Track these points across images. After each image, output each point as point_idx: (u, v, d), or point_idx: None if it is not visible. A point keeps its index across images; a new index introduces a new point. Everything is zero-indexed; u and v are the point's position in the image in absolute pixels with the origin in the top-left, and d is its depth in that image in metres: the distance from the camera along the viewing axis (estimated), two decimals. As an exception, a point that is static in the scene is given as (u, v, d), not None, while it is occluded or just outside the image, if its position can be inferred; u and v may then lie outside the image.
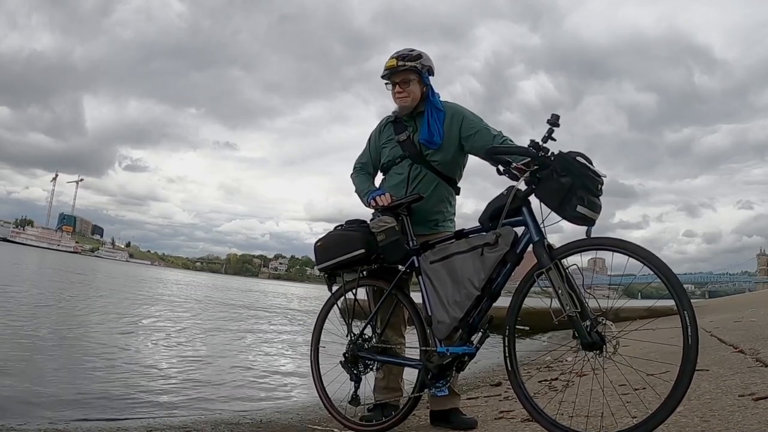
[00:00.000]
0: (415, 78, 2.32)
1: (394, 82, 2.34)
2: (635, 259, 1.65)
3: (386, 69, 2.33)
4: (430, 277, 2.09)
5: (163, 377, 4.16)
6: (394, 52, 2.35)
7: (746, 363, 2.84)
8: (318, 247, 2.36)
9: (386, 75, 2.34)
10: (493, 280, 1.94)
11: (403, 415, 2.18)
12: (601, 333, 1.69)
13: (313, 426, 2.58)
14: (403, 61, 2.30)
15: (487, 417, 2.45)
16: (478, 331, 1.99)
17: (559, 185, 1.79)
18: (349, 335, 2.33)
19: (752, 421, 1.71)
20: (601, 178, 1.82)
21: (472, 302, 1.95)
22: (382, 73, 2.35)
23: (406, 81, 2.32)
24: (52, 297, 10.24)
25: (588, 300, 1.76)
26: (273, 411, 3.21)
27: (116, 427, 2.61)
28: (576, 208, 1.76)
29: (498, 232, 1.93)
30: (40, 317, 6.96)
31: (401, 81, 2.32)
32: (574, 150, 1.85)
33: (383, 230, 2.17)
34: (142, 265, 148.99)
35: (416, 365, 2.13)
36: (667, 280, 1.60)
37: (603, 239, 1.78)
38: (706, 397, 2.10)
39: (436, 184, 2.36)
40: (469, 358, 2.03)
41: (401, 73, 2.31)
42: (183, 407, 3.32)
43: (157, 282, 27.00)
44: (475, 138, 2.30)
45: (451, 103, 2.42)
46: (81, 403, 3.14)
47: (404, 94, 2.33)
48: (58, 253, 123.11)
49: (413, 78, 2.32)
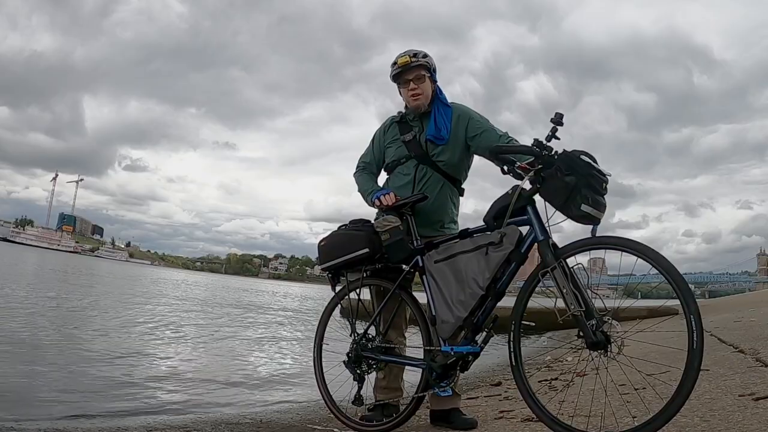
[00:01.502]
0: (426, 75, 2.32)
1: (406, 79, 2.32)
2: (643, 259, 1.63)
3: (399, 66, 2.30)
4: (434, 276, 2.08)
5: (163, 377, 4.16)
6: (399, 53, 2.33)
7: (746, 363, 2.84)
8: (322, 247, 2.36)
9: (398, 73, 2.32)
10: (497, 280, 1.93)
11: (406, 415, 2.17)
12: (606, 332, 1.68)
13: (313, 426, 2.58)
14: (416, 58, 2.29)
15: (488, 417, 2.45)
16: (482, 330, 1.98)
17: (564, 184, 1.77)
18: (353, 335, 2.32)
19: (752, 421, 1.70)
20: (606, 177, 1.81)
21: (477, 301, 1.94)
22: (393, 71, 2.32)
23: (420, 77, 2.31)
24: (52, 297, 10.23)
25: (593, 299, 1.75)
26: (273, 411, 3.21)
27: (116, 427, 2.61)
28: (580, 207, 1.75)
29: (503, 232, 1.92)
30: (39, 317, 6.96)
31: (415, 77, 2.30)
32: (578, 149, 1.84)
33: (387, 230, 2.16)
34: (142, 265, 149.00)
35: (420, 365, 2.12)
36: (675, 282, 1.58)
37: (609, 238, 1.76)
38: (706, 397, 2.10)
39: (442, 185, 2.35)
40: (474, 357, 2.02)
41: (414, 69, 2.30)
42: (183, 407, 3.32)
43: (157, 282, 26.99)
44: (481, 138, 2.30)
45: (457, 103, 2.42)
46: (81, 403, 3.14)
47: (419, 91, 2.31)
48: (58, 253, 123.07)
49: (425, 74, 2.32)
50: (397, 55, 2.34)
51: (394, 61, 2.33)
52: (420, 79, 2.31)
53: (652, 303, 4.76)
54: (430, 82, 2.34)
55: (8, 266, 21.82)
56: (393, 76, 2.35)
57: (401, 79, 2.34)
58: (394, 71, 2.33)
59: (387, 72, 2.38)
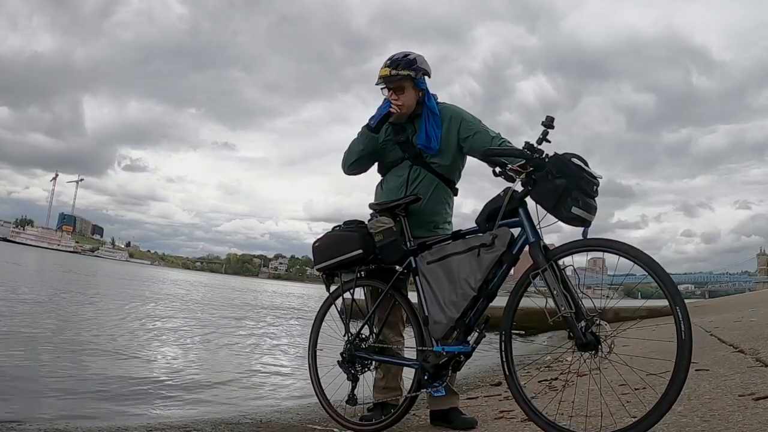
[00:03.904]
0: (409, 85, 2.29)
1: (389, 88, 2.31)
2: (627, 258, 1.67)
3: (379, 77, 2.30)
4: (427, 277, 2.10)
5: (163, 377, 4.17)
6: (388, 57, 2.31)
7: (746, 363, 2.84)
8: (316, 248, 2.37)
9: (380, 83, 2.31)
10: (489, 281, 1.95)
11: (400, 414, 2.19)
12: (595, 333, 1.70)
13: (313, 426, 2.58)
14: (396, 70, 2.26)
15: (487, 417, 2.45)
16: (474, 330, 2.00)
17: (554, 187, 1.79)
18: (347, 335, 2.33)
19: (752, 421, 1.71)
20: (597, 180, 1.83)
21: (469, 302, 1.96)
22: (376, 81, 2.31)
23: (401, 88, 2.29)
24: (52, 297, 10.24)
25: (582, 300, 1.77)
26: (273, 411, 3.21)
27: (116, 427, 2.61)
28: (571, 209, 1.77)
29: (494, 233, 1.94)
30: (39, 317, 6.97)
31: (395, 88, 2.29)
32: (570, 151, 1.86)
33: (381, 231, 2.18)
34: (142, 264, 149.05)
35: (413, 365, 2.14)
36: (659, 278, 1.61)
37: (596, 240, 1.80)
38: (706, 397, 2.10)
39: (435, 186, 2.36)
40: (466, 357, 2.04)
41: (395, 81, 2.28)
42: (183, 407, 3.32)
43: (157, 282, 26.99)
44: (473, 139, 2.30)
45: (449, 105, 2.41)
46: (81, 403, 3.15)
47: (399, 102, 2.28)
48: (58, 253, 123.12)
49: (407, 85, 2.29)
50: (387, 58, 2.31)
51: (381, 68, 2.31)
52: (400, 90, 2.28)
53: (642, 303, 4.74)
54: (414, 92, 2.30)
55: (8, 266, 21.83)
56: (377, 84, 2.33)
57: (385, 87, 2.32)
58: (376, 81, 2.32)
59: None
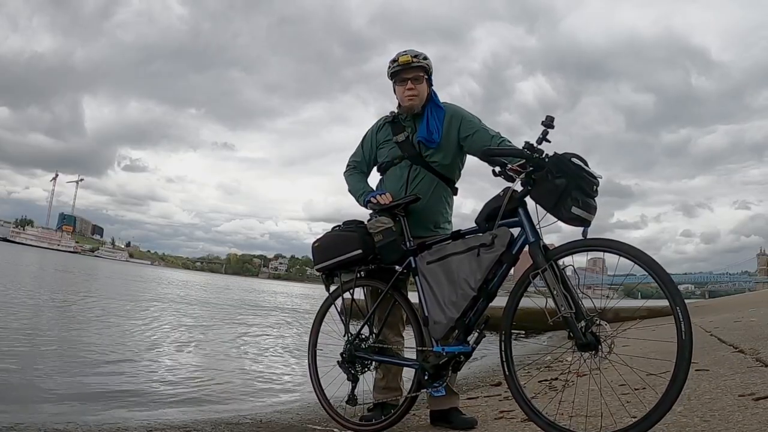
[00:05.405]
0: (424, 77, 2.33)
1: (404, 78, 2.32)
2: (627, 258, 1.67)
3: (400, 64, 2.30)
4: (426, 277, 2.10)
5: (163, 377, 4.17)
6: (399, 51, 2.33)
7: (746, 363, 2.84)
8: (316, 248, 2.37)
9: (398, 70, 2.31)
10: (489, 281, 1.95)
11: (400, 414, 2.19)
12: (595, 333, 1.70)
13: (313, 426, 2.58)
14: (417, 59, 2.30)
15: (487, 417, 2.45)
16: (474, 331, 2.00)
17: (554, 186, 1.79)
18: (347, 335, 2.33)
19: (752, 421, 1.71)
20: (597, 180, 1.82)
21: (468, 302, 1.96)
22: (394, 68, 2.32)
23: (418, 78, 2.31)
24: (52, 297, 10.24)
25: (582, 300, 1.77)
26: (273, 411, 3.21)
27: (116, 427, 2.61)
28: (571, 209, 1.77)
29: (494, 233, 1.94)
30: (39, 317, 6.97)
31: (413, 77, 2.31)
32: (570, 151, 1.86)
33: (380, 231, 2.18)
34: (142, 265, 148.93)
35: (413, 365, 2.14)
36: (659, 278, 1.61)
37: (596, 240, 1.79)
38: (706, 397, 2.10)
39: (435, 185, 2.36)
40: (465, 357, 2.04)
41: (414, 69, 2.30)
42: (183, 407, 3.32)
43: (157, 282, 26.99)
44: (473, 138, 2.30)
45: (450, 104, 2.41)
46: (81, 403, 3.15)
47: (415, 92, 2.31)
48: (58, 253, 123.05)
49: (423, 76, 2.33)
50: (397, 52, 2.34)
51: (395, 59, 2.33)
52: (418, 80, 2.32)
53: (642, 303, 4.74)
54: (427, 85, 2.35)
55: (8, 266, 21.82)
56: (391, 73, 2.35)
57: (399, 77, 2.33)
58: (393, 68, 2.33)
59: (386, 73, 2.37)
